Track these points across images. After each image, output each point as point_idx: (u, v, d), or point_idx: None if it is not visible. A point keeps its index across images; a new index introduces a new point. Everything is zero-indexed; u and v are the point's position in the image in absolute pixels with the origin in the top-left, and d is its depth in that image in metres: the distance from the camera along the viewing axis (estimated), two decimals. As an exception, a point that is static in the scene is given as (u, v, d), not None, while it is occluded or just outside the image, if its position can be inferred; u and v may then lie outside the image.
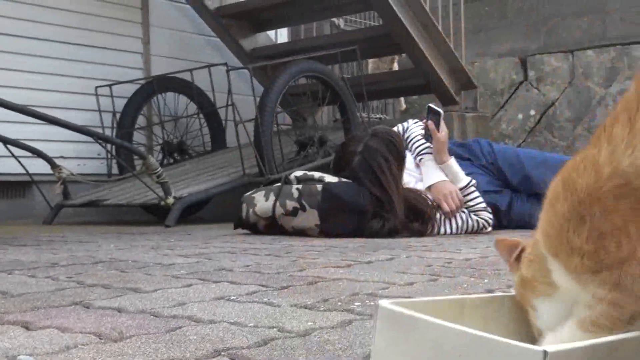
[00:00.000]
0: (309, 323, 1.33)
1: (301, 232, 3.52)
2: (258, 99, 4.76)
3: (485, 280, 1.90)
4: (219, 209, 5.24)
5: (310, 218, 3.48)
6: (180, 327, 1.29)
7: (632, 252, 0.81)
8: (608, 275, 0.83)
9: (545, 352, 0.73)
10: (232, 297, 1.63)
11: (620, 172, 0.81)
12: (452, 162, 3.79)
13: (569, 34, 7.89)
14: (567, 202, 0.85)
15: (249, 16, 6.34)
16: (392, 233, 3.43)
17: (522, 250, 0.97)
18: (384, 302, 0.91)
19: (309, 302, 1.56)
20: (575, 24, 7.87)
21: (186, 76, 5.65)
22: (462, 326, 0.82)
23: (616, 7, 7.62)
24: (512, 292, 1.00)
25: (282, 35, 7.26)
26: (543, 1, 8.00)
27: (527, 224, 3.94)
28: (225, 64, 5.05)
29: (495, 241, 1.03)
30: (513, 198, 4.00)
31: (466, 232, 3.74)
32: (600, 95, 7.64)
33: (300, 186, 3.52)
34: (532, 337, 0.93)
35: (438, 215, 3.66)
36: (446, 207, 3.66)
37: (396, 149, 3.56)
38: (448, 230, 3.70)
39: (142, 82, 5.77)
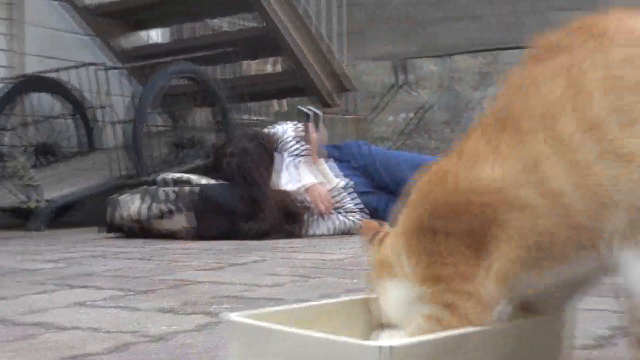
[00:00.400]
0: (170, 327, 1.32)
1: (175, 235, 3.48)
2: (135, 100, 4.67)
3: (355, 280, 1.93)
4: (91, 212, 5.10)
5: (184, 220, 3.44)
6: (38, 334, 1.26)
7: (469, 273, 0.84)
8: (438, 287, 0.86)
9: (390, 347, 0.75)
10: (94, 302, 1.59)
11: (471, 187, 0.84)
12: (328, 163, 3.83)
13: (444, 39, 8.11)
14: (423, 210, 0.89)
15: (127, 15, 6.21)
16: (264, 235, 3.44)
17: (385, 235, 1.00)
18: (234, 316, 0.91)
19: (174, 306, 1.54)
20: (450, 28, 8.10)
21: (63, 75, 5.47)
22: (315, 332, 0.83)
23: (489, 13, 7.89)
24: (373, 294, 1.03)
25: (162, 35, 7.15)
26: (419, 6, 8.19)
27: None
28: (102, 64, 4.92)
29: (361, 222, 1.07)
30: (388, 199, 4.07)
31: (341, 233, 3.78)
32: (474, 99, 7.89)
33: (174, 188, 3.48)
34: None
35: (311, 217, 3.69)
36: (319, 208, 3.70)
37: (270, 151, 3.58)
38: (322, 232, 3.74)
39: (7, 81, 5.52)
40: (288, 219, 3.58)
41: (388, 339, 0.86)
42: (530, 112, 0.81)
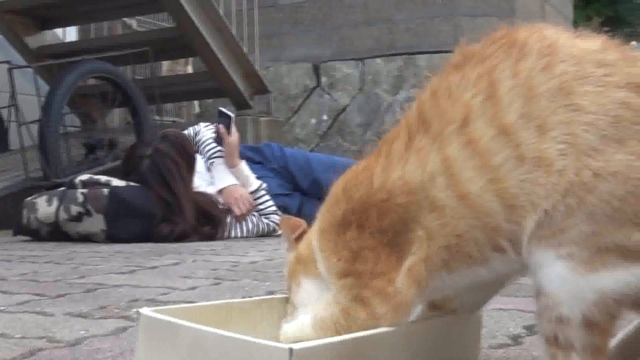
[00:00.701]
0: (82, 332, 1.30)
1: (87, 238, 3.41)
2: (43, 99, 4.55)
3: (268, 283, 1.93)
4: (1, 215, 4.95)
5: (96, 223, 3.37)
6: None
7: (383, 271, 0.86)
8: (351, 281, 0.88)
9: (290, 350, 0.75)
10: (3, 308, 1.54)
11: (387, 187, 0.86)
12: (243, 165, 3.82)
13: (360, 42, 8.19)
14: (343, 208, 0.91)
15: (34, 13, 6.04)
16: (181, 237, 3.40)
17: (304, 231, 1.03)
18: (145, 310, 0.90)
19: (84, 310, 1.51)
20: (365, 32, 8.18)
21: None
22: (221, 330, 0.83)
23: (402, 18, 8.01)
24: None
25: (71, 34, 6.99)
26: (335, 10, 8.25)
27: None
28: (7, 61, 4.77)
29: (281, 219, 1.09)
30: (303, 201, 4.08)
31: (256, 235, 3.78)
32: (388, 102, 7.99)
33: (85, 190, 3.41)
34: None
35: (228, 219, 3.68)
36: (237, 211, 3.68)
37: (186, 152, 3.54)
38: (238, 234, 3.72)
39: None
40: (206, 221, 3.55)
41: (290, 330, 0.88)
42: (447, 116, 0.84)
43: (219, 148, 3.82)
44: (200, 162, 3.78)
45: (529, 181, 0.78)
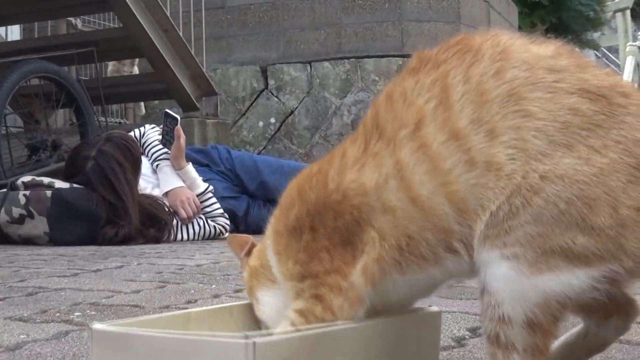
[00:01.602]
0: (22, 336, 1.27)
1: (29, 241, 3.34)
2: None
3: (214, 286, 1.91)
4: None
5: (38, 226, 3.31)
6: None
7: (338, 268, 0.87)
8: (309, 283, 0.89)
9: (254, 344, 0.75)
10: (-61, 313, 1.51)
11: (342, 189, 0.87)
12: (190, 168, 3.79)
13: (307, 46, 8.20)
14: (297, 210, 0.91)
15: (-25, 11, 5.92)
16: (126, 240, 3.36)
17: (252, 246, 1.04)
18: (97, 325, 0.88)
19: (25, 314, 1.48)
20: (312, 36, 8.20)
21: None
22: (176, 333, 0.82)
23: (350, 22, 8.05)
24: (241, 300, 1.03)
25: (14, 33, 6.85)
26: (283, 13, 8.25)
27: (263, 229, 4.04)
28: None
29: (228, 238, 1.09)
30: (250, 204, 4.07)
31: (203, 238, 3.75)
32: (336, 105, 8.02)
33: (27, 192, 3.34)
34: None
35: (175, 222, 3.64)
36: (183, 213, 3.65)
37: (131, 154, 3.49)
38: (185, 237, 3.70)
39: None
40: (152, 223, 3.51)
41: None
42: (400, 121, 0.85)
43: (165, 150, 3.79)
44: (146, 164, 3.74)
45: (479, 185, 0.79)
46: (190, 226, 3.71)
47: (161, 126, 3.88)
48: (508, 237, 0.77)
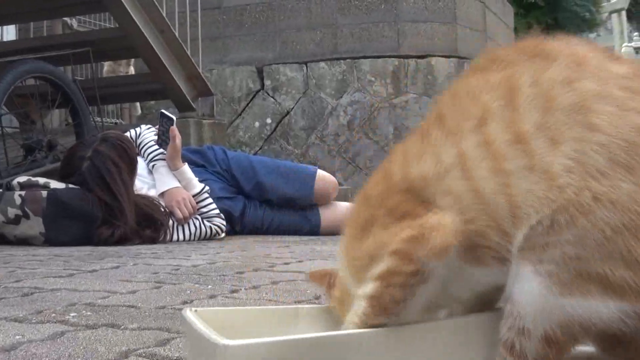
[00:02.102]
0: (17, 337, 1.27)
1: (25, 241, 3.34)
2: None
3: (210, 287, 1.91)
4: None
5: (34, 226, 3.31)
6: None
7: (406, 226, 0.83)
8: (382, 252, 0.84)
9: (225, 346, 0.75)
10: None
11: (406, 178, 0.85)
12: (186, 168, 3.78)
13: (303, 46, 8.21)
14: (365, 211, 0.89)
15: (-29, 11, 5.91)
16: (122, 240, 3.35)
17: (333, 277, 0.99)
18: (186, 312, 0.89)
19: (20, 315, 1.48)
20: (308, 36, 8.20)
21: None
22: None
23: (346, 23, 8.05)
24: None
25: (9, 33, 6.85)
26: (279, 13, 8.25)
27: (260, 230, 4.04)
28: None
29: (309, 274, 1.04)
30: (246, 204, 4.07)
31: (199, 239, 3.75)
32: (332, 105, 8.02)
33: (23, 192, 3.34)
34: None
35: (171, 222, 3.64)
36: (179, 214, 3.65)
37: (127, 154, 3.49)
38: (181, 237, 3.69)
39: None
40: (148, 224, 3.51)
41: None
42: (464, 114, 0.83)
43: (160, 150, 3.78)
44: (142, 165, 3.74)
45: (531, 193, 0.76)
46: (186, 227, 3.71)
47: (157, 126, 3.87)
48: (545, 254, 0.74)
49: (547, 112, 0.78)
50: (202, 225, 3.74)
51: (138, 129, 3.97)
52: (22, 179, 3.48)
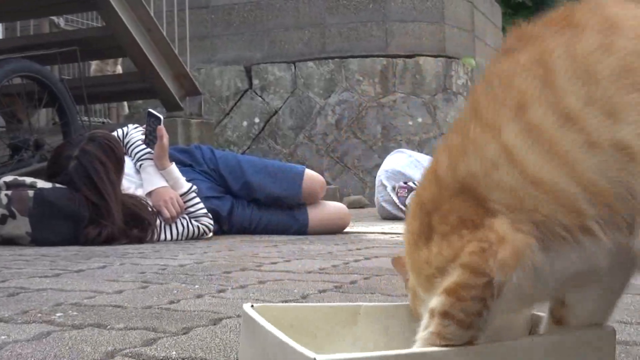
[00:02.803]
0: (2, 337, 1.26)
1: (11, 241, 3.32)
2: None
3: (197, 286, 1.91)
4: None
5: (20, 226, 3.29)
6: None
7: (471, 238, 0.80)
8: (450, 265, 0.81)
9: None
10: None
11: (457, 178, 0.82)
12: (173, 167, 3.77)
13: (291, 45, 8.21)
14: (418, 218, 0.86)
15: (-44, 9, 5.88)
16: (109, 240, 3.34)
17: None
18: (246, 307, 0.89)
19: (5, 315, 1.47)
20: (296, 36, 8.20)
21: None
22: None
23: (334, 22, 8.05)
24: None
25: (-4, 32, 6.82)
26: (267, 12, 8.24)
27: (247, 229, 4.04)
28: None
29: (393, 259, 1.01)
30: (234, 204, 4.06)
31: (187, 238, 3.74)
32: (320, 105, 8.02)
33: (9, 192, 3.32)
34: None
35: (158, 222, 3.63)
36: (166, 213, 3.64)
37: (114, 154, 3.47)
38: (168, 237, 3.68)
39: None
40: (135, 223, 3.50)
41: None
42: (500, 104, 0.80)
43: (148, 150, 3.77)
44: (129, 164, 3.72)
45: (611, 167, 0.74)
46: (173, 226, 3.70)
47: (144, 126, 3.86)
48: None
49: (591, 84, 0.75)
50: (190, 225, 3.74)
51: (125, 128, 3.95)
52: (9, 178, 3.46)
